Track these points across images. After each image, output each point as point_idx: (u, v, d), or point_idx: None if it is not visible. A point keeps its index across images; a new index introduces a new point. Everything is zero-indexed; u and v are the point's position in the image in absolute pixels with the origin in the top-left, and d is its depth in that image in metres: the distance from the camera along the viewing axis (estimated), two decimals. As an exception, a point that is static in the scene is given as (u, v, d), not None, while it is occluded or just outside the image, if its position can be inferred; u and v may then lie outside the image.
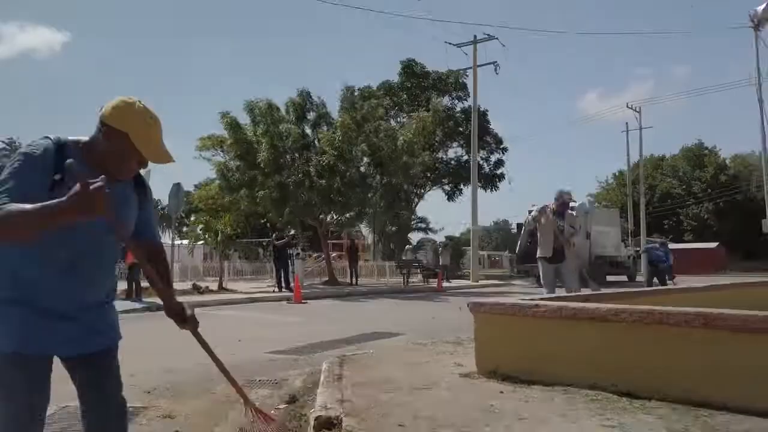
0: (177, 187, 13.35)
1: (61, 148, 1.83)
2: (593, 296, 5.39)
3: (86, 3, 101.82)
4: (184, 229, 35.36)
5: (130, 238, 1.94)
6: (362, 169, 19.20)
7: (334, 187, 17.32)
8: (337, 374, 4.04)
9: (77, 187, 1.52)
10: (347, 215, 18.91)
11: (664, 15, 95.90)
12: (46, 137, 1.85)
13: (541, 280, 8.19)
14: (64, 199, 1.55)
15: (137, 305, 11.70)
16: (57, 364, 1.93)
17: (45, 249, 1.78)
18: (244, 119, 18.95)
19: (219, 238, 16.17)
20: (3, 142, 1.94)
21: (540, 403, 3.09)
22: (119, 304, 2.21)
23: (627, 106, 37.93)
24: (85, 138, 1.91)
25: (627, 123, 38.53)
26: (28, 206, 1.61)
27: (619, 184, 48.96)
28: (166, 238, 29.53)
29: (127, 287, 12.73)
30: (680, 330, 3.00)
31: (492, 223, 79.93)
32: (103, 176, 1.58)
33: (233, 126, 18.47)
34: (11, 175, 1.73)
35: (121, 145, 1.82)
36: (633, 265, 26.10)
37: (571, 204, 8.63)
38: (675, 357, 3.05)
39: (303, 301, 13.44)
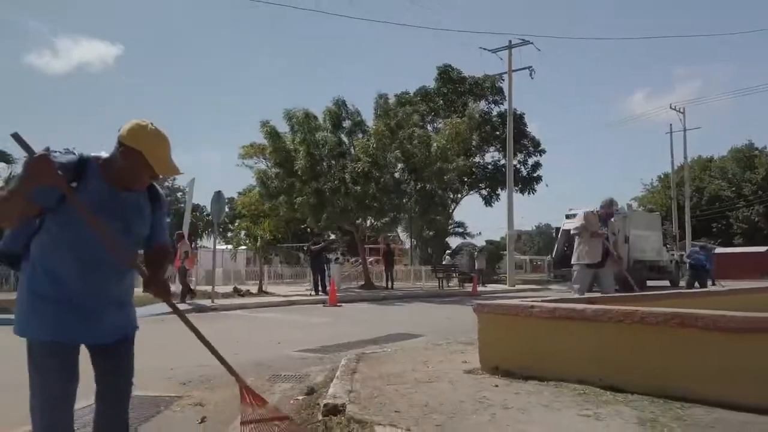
0: (218, 194, 13.99)
1: (83, 162, 2.20)
2: (619, 298, 5.55)
3: (137, 16, 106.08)
4: (229, 234, 36.54)
5: (145, 239, 2.38)
6: (397, 175, 19.56)
7: (369, 193, 17.72)
8: (352, 369, 4.39)
9: (25, 164, 1.93)
10: (382, 221, 19.27)
11: (710, 13, 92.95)
12: (72, 152, 2.23)
13: (574, 284, 8.11)
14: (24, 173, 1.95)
15: (186, 306, 12.41)
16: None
17: (73, 252, 2.15)
18: (284, 128, 19.62)
19: (259, 244, 16.80)
20: (60, 152, 2.26)
21: (529, 395, 3.37)
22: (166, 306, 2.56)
23: (670, 107, 37.15)
24: (105, 155, 2.26)
25: (671, 124, 37.76)
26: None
27: (664, 186, 47.74)
28: (209, 243, 30.51)
29: (180, 289, 13.56)
30: (658, 329, 3.22)
31: (534, 227, 79.00)
32: (46, 147, 1.97)
33: (272, 135, 19.13)
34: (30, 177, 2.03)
35: (136, 161, 2.15)
36: (676, 269, 25.53)
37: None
38: (655, 354, 3.27)
39: (338, 304, 13.86)
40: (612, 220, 8.42)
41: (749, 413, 2.83)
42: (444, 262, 25.53)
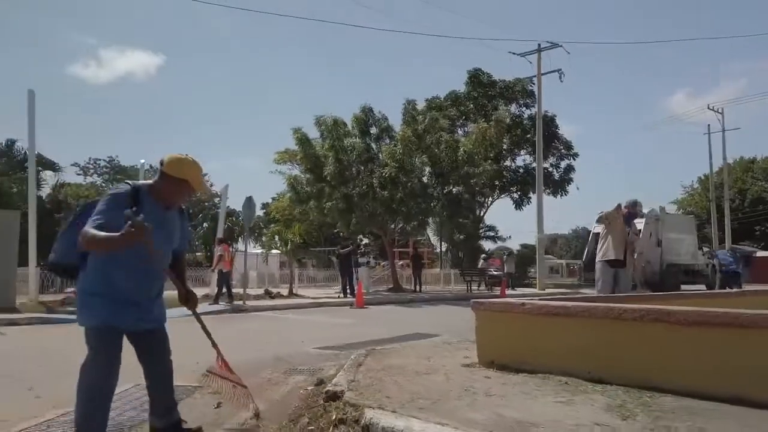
0: (248, 200, 14.54)
1: (136, 190, 2.89)
2: (634, 297, 5.71)
3: (178, 27, 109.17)
4: (264, 238, 37.47)
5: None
6: (425, 179, 19.84)
7: (396, 197, 18.05)
8: (359, 362, 4.70)
9: (126, 226, 2.53)
10: (410, 225, 19.56)
11: (755, 12, 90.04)
12: (127, 183, 2.94)
13: (597, 281, 8.14)
14: (119, 234, 2.57)
15: (220, 307, 13.10)
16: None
17: (127, 263, 2.80)
18: (315, 134, 20.13)
19: (289, 247, 17.31)
20: (120, 185, 3.05)
21: (514, 385, 3.61)
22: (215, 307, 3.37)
23: (708, 108, 36.35)
24: (150, 182, 2.99)
25: (709, 125, 36.89)
26: (102, 234, 2.64)
27: (704, 189, 46.58)
28: (241, 247, 31.25)
29: (227, 291, 14.32)
30: (636, 324, 3.43)
31: (571, 231, 77.76)
32: (145, 223, 2.57)
33: (303, 141, 19.66)
34: (103, 208, 2.78)
35: (183, 187, 2.94)
36: (712, 273, 25.00)
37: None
38: (634, 348, 3.48)
39: (364, 306, 14.22)
40: (635, 221, 8.52)
41: (714, 401, 3.02)
42: (480, 266, 25.51)
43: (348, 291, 16.87)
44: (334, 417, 3.29)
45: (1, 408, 3.94)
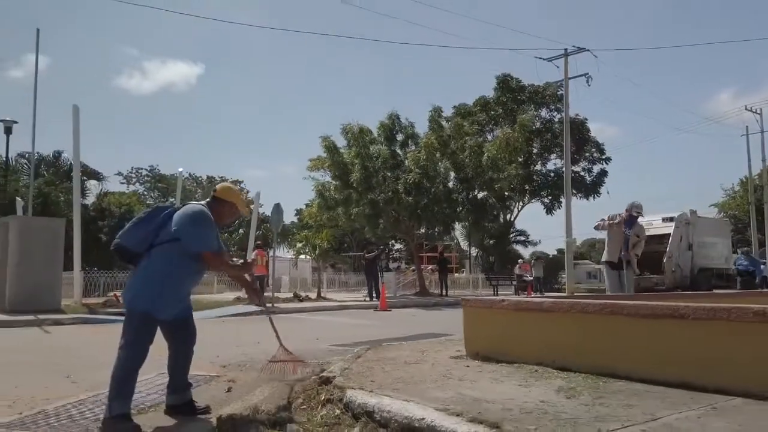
0: (276, 206, 15.18)
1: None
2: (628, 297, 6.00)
3: (217, 36, 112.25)
4: (298, 245, 38.47)
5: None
6: (450, 184, 20.19)
7: (420, 203, 18.45)
8: (359, 355, 5.14)
9: (250, 272, 4.06)
10: (434, 229, 19.92)
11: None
12: (200, 204, 3.65)
13: (607, 286, 8.50)
14: (242, 267, 3.87)
15: (255, 308, 13.82)
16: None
17: (189, 265, 3.51)
18: (343, 142, 20.73)
19: (317, 252, 17.91)
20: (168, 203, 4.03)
21: (488, 372, 3.99)
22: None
23: (746, 109, 35.53)
24: (202, 202, 3.70)
25: (747, 126, 36.04)
26: (236, 266, 3.91)
27: (745, 191, 45.33)
28: (279, 253, 32.08)
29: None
30: (596, 317, 3.77)
31: (607, 235, 76.19)
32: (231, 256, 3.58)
33: (330, 149, 20.28)
34: (209, 231, 3.53)
35: (232, 209, 3.73)
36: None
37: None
38: (596, 339, 3.81)
39: (388, 309, 14.65)
40: (640, 223, 8.70)
41: (662, 386, 3.33)
42: (517, 272, 25.50)
43: (374, 294, 17.32)
44: (323, 397, 3.74)
45: (42, 390, 4.53)
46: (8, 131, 19.28)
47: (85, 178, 28.09)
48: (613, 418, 2.68)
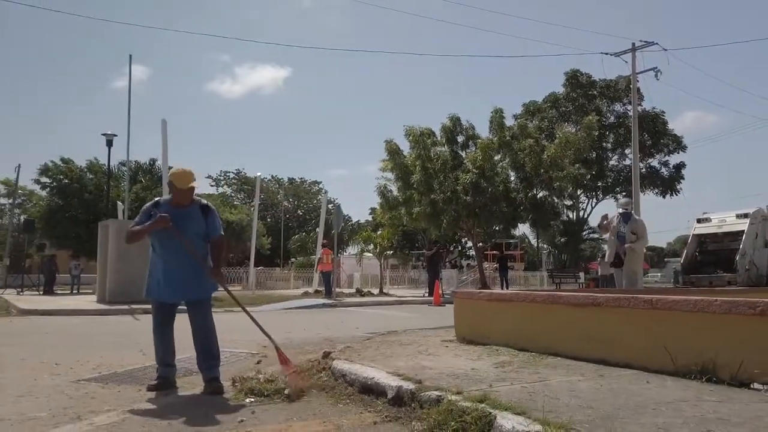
0: (338, 208, 16.42)
1: (156, 203, 4.35)
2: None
3: (302, 40, 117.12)
4: (362, 243, 40.08)
5: (205, 235, 4.40)
6: (512, 184, 20.62)
7: (479, 202, 19.05)
8: (369, 338, 6.08)
9: (156, 217, 4.11)
10: (492, 228, 20.42)
11: None
12: (154, 200, 4.42)
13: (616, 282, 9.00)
14: (150, 221, 4.15)
15: (328, 301, 15.29)
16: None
17: (164, 249, 4.21)
18: (406, 144, 21.70)
19: (378, 250, 19.00)
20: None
21: (463, 351, 4.79)
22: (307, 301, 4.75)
23: None
24: (168, 197, 4.41)
25: None
26: (137, 227, 4.23)
27: None
28: (352, 250, 33.34)
29: (325, 288, 16.76)
30: (543, 306, 4.49)
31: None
32: (165, 213, 4.10)
33: (393, 152, 21.28)
34: (142, 215, 4.23)
35: (173, 188, 4.20)
36: None
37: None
38: (545, 324, 4.53)
39: (442, 304, 15.42)
40: (636, 219, 8.89)
41: (584, 362, 4.03)
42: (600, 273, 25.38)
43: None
44: (321, 367, 4.72)
45: (120, 359, 5.82)
46: (109, 143, 21.78)
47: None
48: (512, 379, 3.46)
